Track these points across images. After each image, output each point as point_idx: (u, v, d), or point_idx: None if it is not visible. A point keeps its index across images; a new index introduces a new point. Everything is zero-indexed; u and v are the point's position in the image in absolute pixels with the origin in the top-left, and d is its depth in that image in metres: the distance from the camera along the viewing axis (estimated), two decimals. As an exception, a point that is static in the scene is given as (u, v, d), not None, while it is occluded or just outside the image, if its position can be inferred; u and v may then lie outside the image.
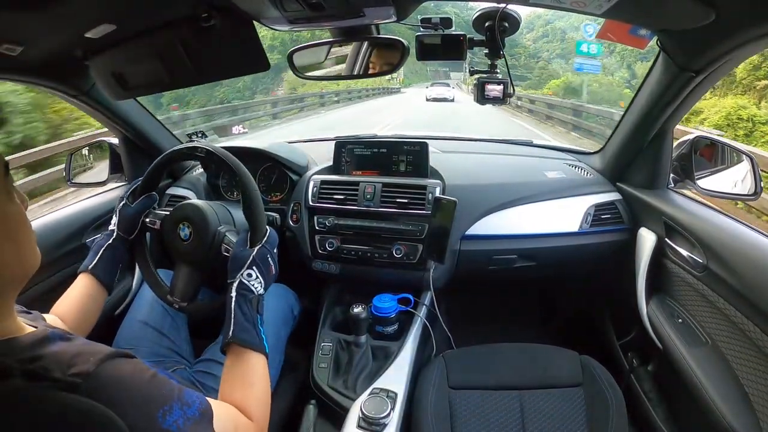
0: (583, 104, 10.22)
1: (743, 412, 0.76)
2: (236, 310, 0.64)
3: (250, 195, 0.74)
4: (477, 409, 0.87)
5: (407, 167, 1.20)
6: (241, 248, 0.71)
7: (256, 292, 0.67)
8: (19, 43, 0.71)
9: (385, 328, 1.05)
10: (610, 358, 1.24)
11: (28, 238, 0.46)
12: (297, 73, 0.94)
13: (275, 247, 0.74)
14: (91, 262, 0.77)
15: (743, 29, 0.65)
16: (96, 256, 0.77)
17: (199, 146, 0.81)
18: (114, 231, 0.81)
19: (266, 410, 0.61)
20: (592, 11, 0.70)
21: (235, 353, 0.63)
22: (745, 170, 0.97)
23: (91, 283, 0.75)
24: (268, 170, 1.30)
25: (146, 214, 0.84)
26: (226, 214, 0.86)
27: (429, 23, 0.85)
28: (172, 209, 0.84)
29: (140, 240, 0.86)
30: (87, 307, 0.74)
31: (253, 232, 0.73)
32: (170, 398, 0.43)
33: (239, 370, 0.62)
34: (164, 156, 0.85)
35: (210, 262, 0.81)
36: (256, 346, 0.63)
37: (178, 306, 0.81)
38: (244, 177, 0.76)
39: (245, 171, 0.77)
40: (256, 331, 0.64)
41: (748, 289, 0.76)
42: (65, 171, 1.30)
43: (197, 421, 0.45)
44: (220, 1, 0.69)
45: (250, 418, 0.57)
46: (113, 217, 0.83)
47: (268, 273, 0.70)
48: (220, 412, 0.51)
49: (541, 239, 1.15)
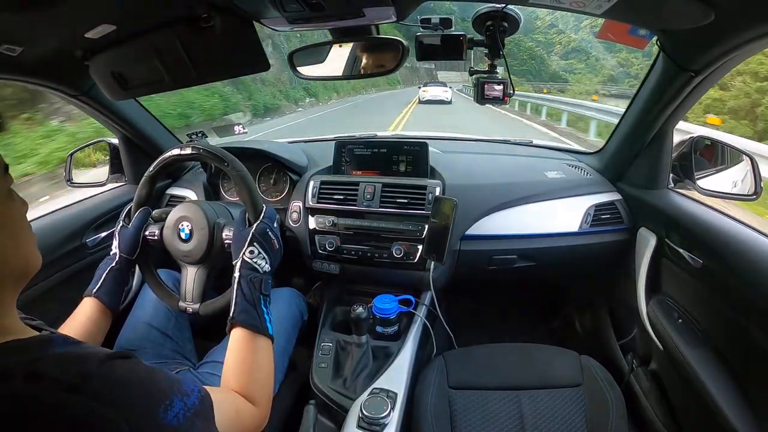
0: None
1: (743, 412, 0.75)
2: (237, 290, 0.64)
3: (241, 176, 0.75)
4: (477, 409, 0.87)
5: (407, 167, 1.20)
6: (241, 228, 0.70)
7: (261, 270, 0.66)
8: (19, 44, 0.71)
9: (386, 328, 1.05)
10: (610, 358, 1.24)
11: (29, 238, 0.46)
12: (297, 74, 0.94)
13: (274, 221, 0.74)
14: (95, 286, 0.77)
15: (743, 29, 0.65)
16: (100, 279, 0.78)
17: (183, 147, 0.81)
18: (117, 254, 0.81)
19: (269, 395, 0.60)
20: (591, 11, 0.70)
21: (237, 336, 0.62)
22: (745, 170, 0.97)
23: (96, 307, 0.75)
24: (268, 170, 1.30)
25: (144, 228, 0.85)
26: (224, 212, 0.86)
27: (429, 23, 0.85)
28: (169, 211, 0.84)
29: (144, 257, 0.86)
30: (91, 330, 0.74)
31: (249, 210, 0.73)
32: (170, 392, 0.43)
33: (240, 354, 0.61)
34: (152, 169, 0.86)
35: (214, 258, 0.81)
36: (256, 327, 0.62)
37: (192, 310, 0.81)
38: (232, 162, 0.77)
39: (236, 161, 0.77)
40: (257, 312, 0.63)
41: (748, 289, 0.76)
42: (65, 171, 1.30)
43: (197, 410, 0.45)
44: (220, 1, 0.69)
45: (252, 402, 0.56)
46: (113, 240, 0.83)
47: (272, 248, 0.69)
48: (220, 398, 0.51)
49: (541, 239, 1.15)
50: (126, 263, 0.81)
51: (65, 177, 1.30)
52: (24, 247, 0.44)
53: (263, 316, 0.64)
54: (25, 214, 0.47)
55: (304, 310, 1.08)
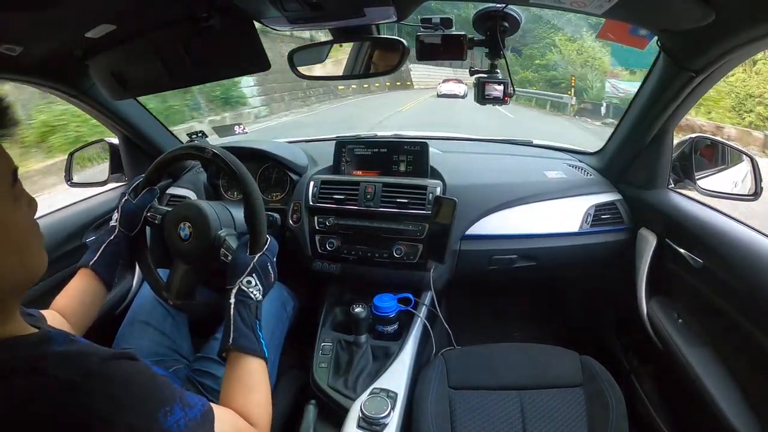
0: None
1: (743, 412, 0.76)
2: (236, 316, 0.64)
3: (254, 203, 0.74)
4: (477, 409, 0.87)
5: (407, 167, 1.20)
6: (242, 255, 0.71)
7: (255, 299, 0.67)
8: (19, 44, 0.71)
9: (385, 327, 1.05)
10: (610, 358, 1.24)
11: (34, 244, 0.45)
12: (297, 73, 0.94)
13: (275, 254, 0.74)
14: (91, 258, 0.76)
15: (743, 29, 0.65)
16: (97, 252, 0.77)
17: (207, 148, 0.80)
18: (116, 227, 0.80)
19: (268, 415, 0.61)
20: (592, 11, 0.70)
21: (235, 359, 0.63)
22: (746, 171, 0.97)
23: (91, 278, 0.75)
24: (268, 170, 1.30)
25: (147, 209, 0.84)
26: (226, 214, 0.86)
27: (429, 23, 0.85)
28: (172, 208, 0.84)
29: (141, 237, 0.86)
30: (86, 302, 0.74)
31: (254, 239, 0.73)
32: (172, 399, 0.43)
33: (239, 376, 0.62)
34: (169, 153, 0.85)
35: (207, 263, 0.81)
36: (256, 351, 0.63)
37: (172, 302, 0.82)
38: (248, 185, 0.76)
39: (250, 179, 0.76)
40: (255, 336, 0.64)
41: (748, 289, 0.76)
42: (65, 171, 1.30)
43: (198, 423, 0.45)
44: (221, 0, 0.69)
45: (251, 423, 0.57)
46: (114, 213, 0.82)
47: (267, 280, 0.70)
48: (222, 415, 0.51)
49: (541, 239, 1.15)
50: (124, 239, 0.80)
51: (65, 177, 1.30)
52: (28, 259, 0.43)
53: (260, 340, 0.65)
54: (31, 219, 0.45)
55: (288, 299, 1.06)
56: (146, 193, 0.85)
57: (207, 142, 1.12)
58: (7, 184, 0.42)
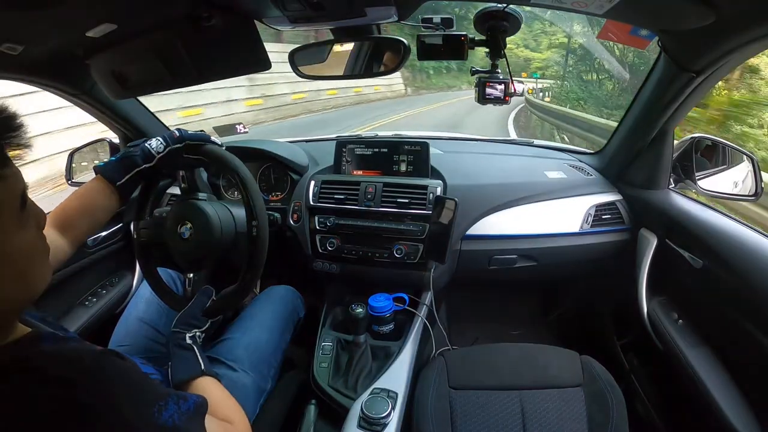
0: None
1: (743, 412, 0.76)
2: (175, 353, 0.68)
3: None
4: (477, 409, 0.87)
5: (408, 167, 1.20)
6: (197, 309, 0.75)
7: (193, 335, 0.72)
8: (20, 43, 0.71)
9: (381, 327, 1.05)
10: (610, 358, 1.24)
11: (39, 263, 0.44)
12: (298, 73, 0.94)
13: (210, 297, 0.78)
14: (120, 178, 0.73)
15: (744, 30, 0.65)
16: (126, 175, 0.73)
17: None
18: (155, 158, 0.76)
19: (242, 413, 0.62)
20: (593, 12, 0.70)
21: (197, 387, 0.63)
22: (746, 171, 0.97)
23: (106, 190, 0.72)
24: (268, 170, 1.30)
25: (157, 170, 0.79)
26: (226, 214, 0.86)
27: (430, 23, 0.85)
28: (173, 208, 0.84)
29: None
30: (97, 206, 0.72)
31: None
32: (165, 394, 0.44)
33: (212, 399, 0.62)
34: (201, 137, 0.81)
35: (208, 264, 0.81)
36: (197, 374, 0.65)
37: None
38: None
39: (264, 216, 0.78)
40: (196, 356, 0.67)
41: (748, 290, 0.76)
42: (65, 171, 1.29)
43: (191, 416, 0.45)
44: (221, 0, 0.69)
45: (229, 422, 0.58)
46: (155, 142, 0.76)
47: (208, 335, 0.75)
48: (210, 417, 0.52)
49: (541, 239, 1.15)
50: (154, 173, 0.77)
51: (66, 177, 1.30)
52: (31, 280, 0.42)
53: (202, 358, 0.68)
54: (38, 237, 0.44)
55: (300, 307, 1.07)
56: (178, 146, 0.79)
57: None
58: (14, 211, 0.40)
